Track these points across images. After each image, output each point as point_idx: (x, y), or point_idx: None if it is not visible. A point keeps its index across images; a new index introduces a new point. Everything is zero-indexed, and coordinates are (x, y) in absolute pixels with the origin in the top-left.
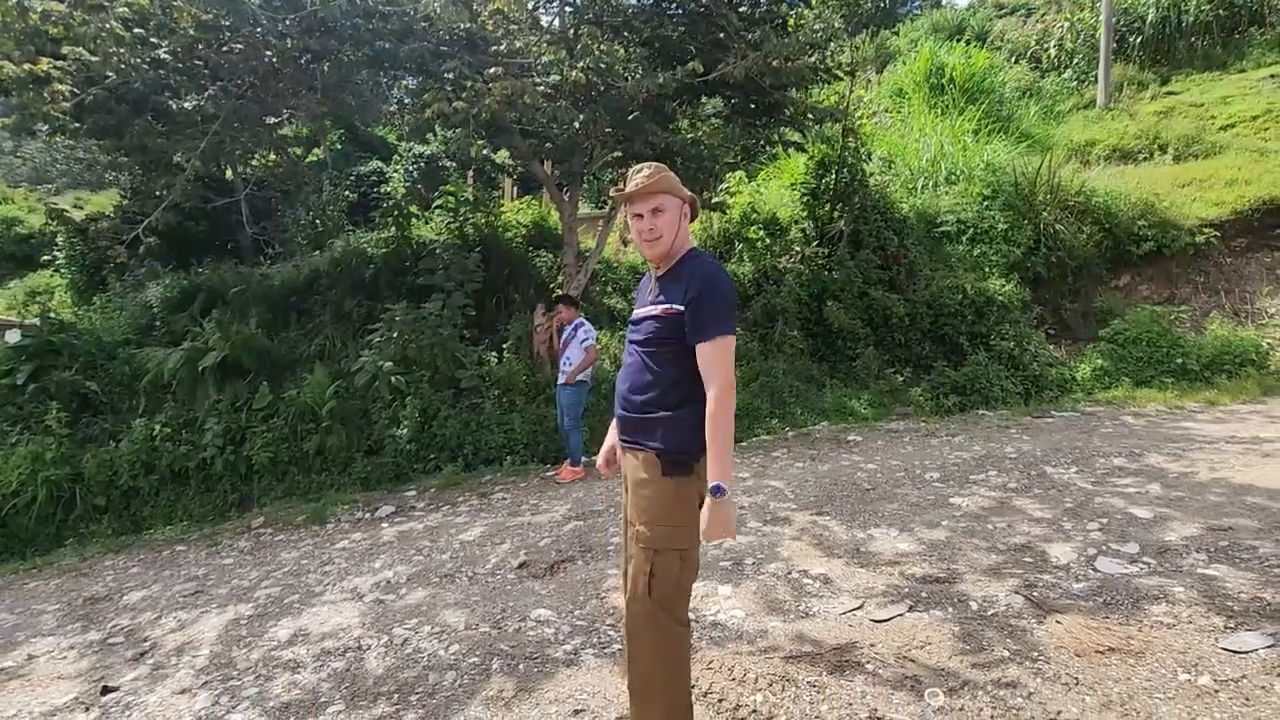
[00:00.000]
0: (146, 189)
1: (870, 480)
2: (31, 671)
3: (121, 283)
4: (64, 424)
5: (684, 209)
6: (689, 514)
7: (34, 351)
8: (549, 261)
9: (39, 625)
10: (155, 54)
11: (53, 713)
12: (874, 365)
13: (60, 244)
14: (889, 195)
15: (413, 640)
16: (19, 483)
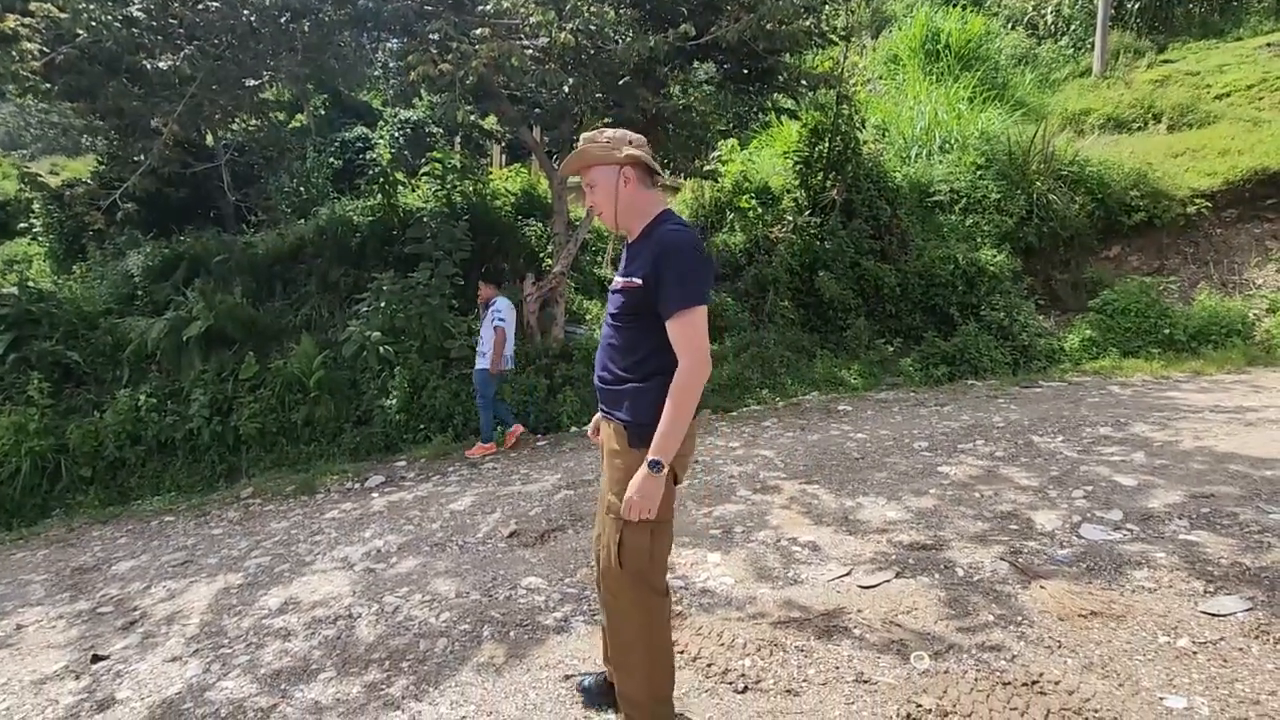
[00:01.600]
0: (124, 154)
1: (859, 449)
2: (20, 641)
3: (101, 251)
4: (46, 395)
5: (623, 173)
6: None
7: (13, 321)
8: (538, 230)
9: (27, 595)
10: (127, 11)
11: (42, 681)
12: (864, 335)
13: (37, 211)
14: (882, 164)
15: (403, 608)
16: (2, 454)
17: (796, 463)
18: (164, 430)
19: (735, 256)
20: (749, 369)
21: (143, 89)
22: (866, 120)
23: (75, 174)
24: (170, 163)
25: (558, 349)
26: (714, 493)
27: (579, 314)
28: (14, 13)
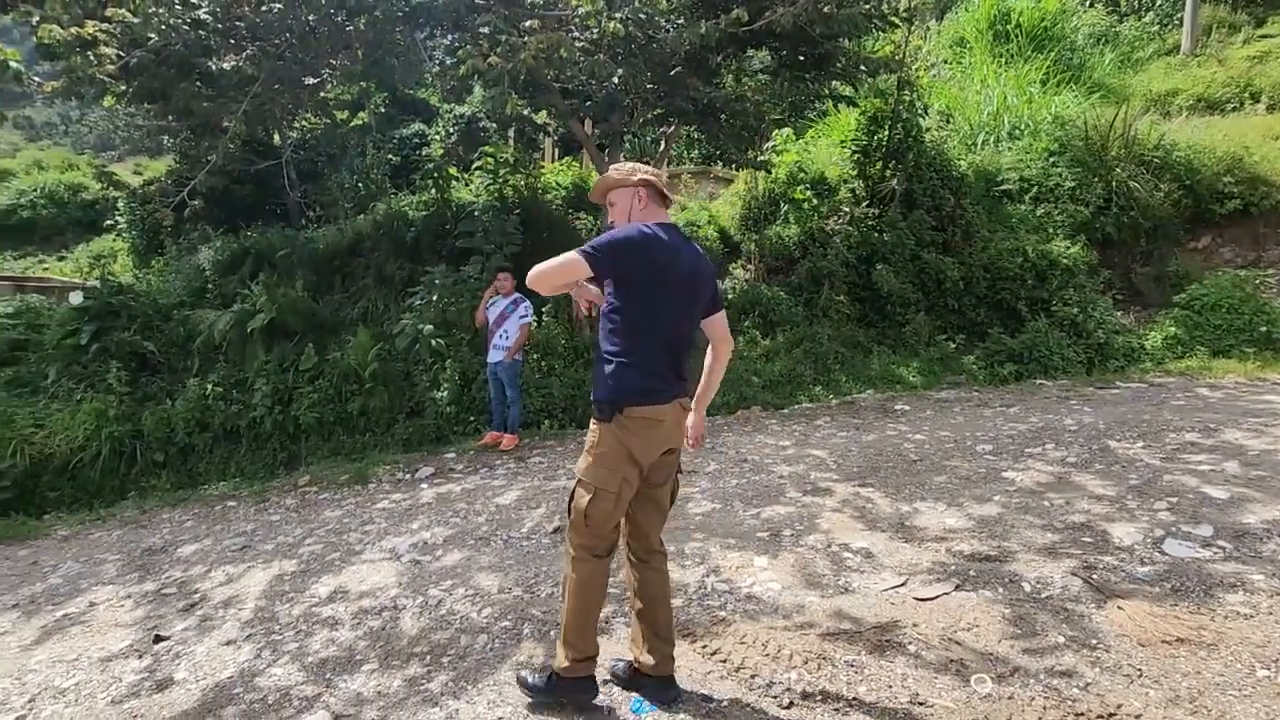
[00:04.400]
0: (195, 153)
1: (918, 451)
2: (92, 618)
3: (177, 246)
4: (124, 382)
5: (637, 193)
6: (608, 455)
7: (96, 313)
8: (589, 223)
9: (100, 574)
10: (195, 14)
11: (109, 659)
12: (925, 331)
13: (121, 209)
14: (946, 152)
15: (446, 602)
16: (85, 438)
17: (850, 464)
18: (229, 418)
19: (789, 249)
20: (801, 365)
21: (211, 90)
22: (929, 106)
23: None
24: (237, 161)
25: None
26: (762, 493)
27: None
28: (93, 19)
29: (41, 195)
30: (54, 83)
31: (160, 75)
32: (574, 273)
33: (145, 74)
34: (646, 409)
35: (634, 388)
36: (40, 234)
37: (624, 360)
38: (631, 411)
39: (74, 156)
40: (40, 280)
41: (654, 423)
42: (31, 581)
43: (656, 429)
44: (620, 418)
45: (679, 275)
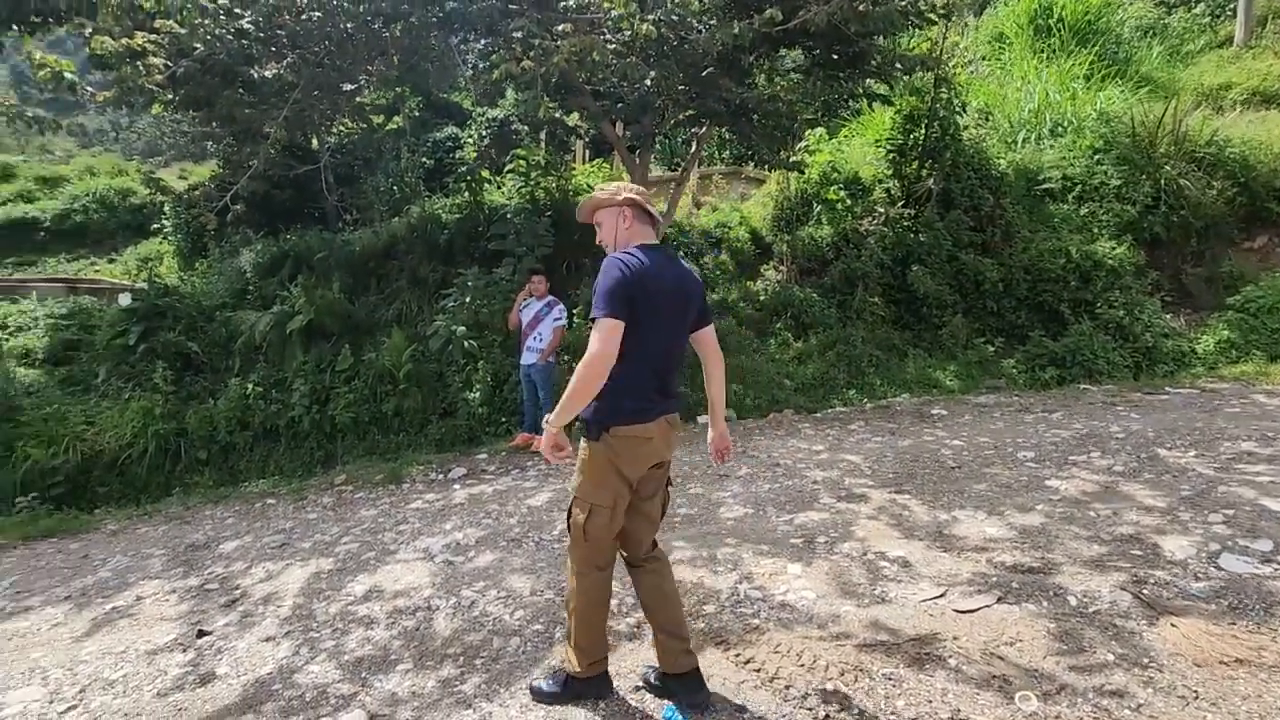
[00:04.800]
0: (238, 159)
1: (956, 458)
2: (139, 612)
3: (220, 249)
4: (169, 382)
5: (623, 212)
6: (598, 473)
7: (143, 314)
8: None
9: (147, 568)
10: (238, 24)
11: (155, 652)
12: (962, 334)
13: (167, 213)
14: (985, 150)
15: (479, 603)
16: (132, 435)
17: (885, 470)
18: (269, 417)
19: (821, 250)
20: (834, 368)
21: (253, 97)
22: (967, 104)
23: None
24: (277, 165)
25: None
26: (795, 499)
27: None
28: (142, 30)
29: (93, 200)
30: (105, 92)
31: (205, 84)
32: (619, 336)
33: (191, 83)
34: (634, 428)
35: (621, 410)
36: (92, 237)
37: (613, 383)
38: (618, 431)
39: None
40: (92, 282)
41: (642, 440)
42: (83, 574)
43: (644, 446)
44: (608, 437)
45: (667, 299)
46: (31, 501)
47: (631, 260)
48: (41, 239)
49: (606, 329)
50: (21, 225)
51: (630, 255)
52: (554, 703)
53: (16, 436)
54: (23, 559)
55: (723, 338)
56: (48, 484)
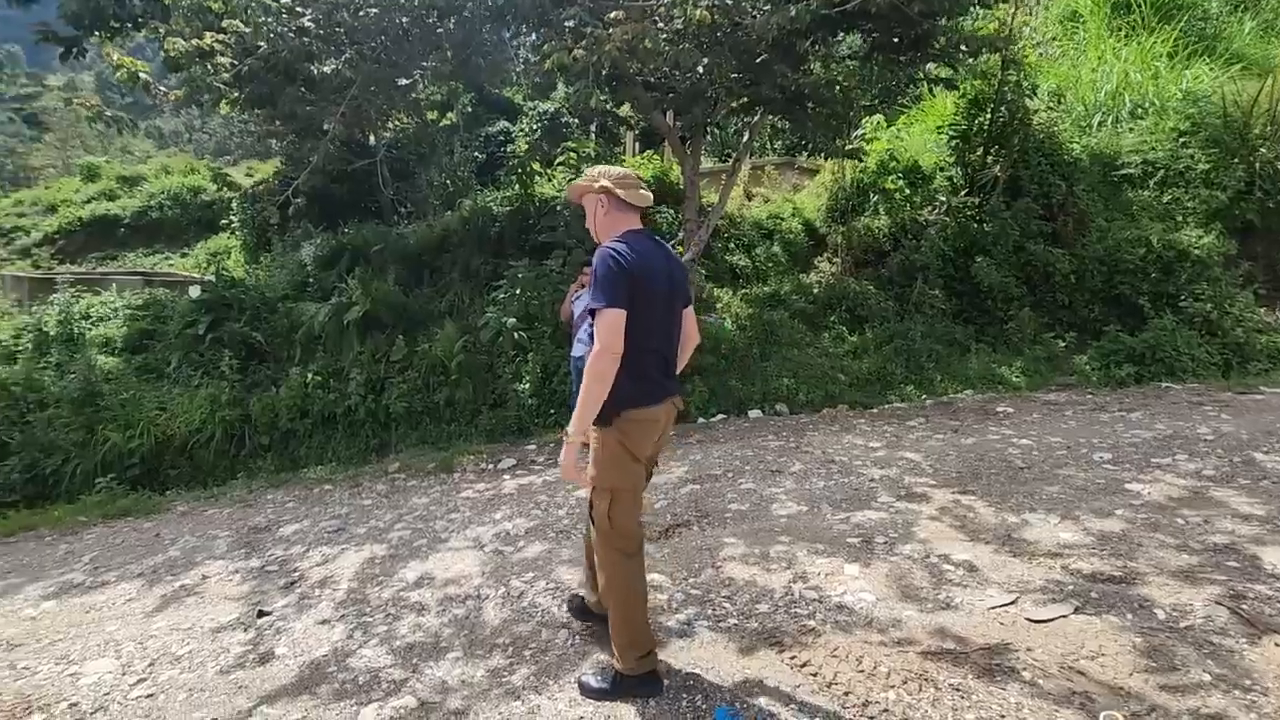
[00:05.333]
0: (299, 155)
1: (1024, 458)
2: (205, 590)
3: (282, 243)
4: (235, 370)
5: (600, 199)
6: (614, 458)
7: (211, 305)
8: (670, 217)
9: (212, 549)
10: (300, 22)
11: (219, 629)
12: (1029, 328)
13: (234, 209)
14: (1056, 135)
15: (528, 594)
16: (201, 421)
17: (948, 468)
18: (327, 406)
19: (879, 241)
20: (892, 362)
21: (313, 95)
22: (1038, 87)
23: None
24: (335, 161)
25: None
26: (851, 496)
27: (709, 301)
28: (210, 31)
29: (168, 197)
30: (177, 91)
31: (268, 81)
32: (623, 325)
33: (255, 80)
34: (642, 411)
35: (628, 395)
36: (166, 233)
37: (621, 370)
38: (628, 415)
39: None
40: (166, 275)
41: (650, 422)
42: (154, 553)
43: (653, 427)
44: (619, 421)
45: (660, 283)
46: (110, 482)
47: (623, 249)
48: (122, 235)
49: (611, 320)
50: (105, 222)
51: (621, 244)
52: (602, 699)
53: (97, 420)
54: (101, 536)
55: (775, 330)
56: (125, 466)
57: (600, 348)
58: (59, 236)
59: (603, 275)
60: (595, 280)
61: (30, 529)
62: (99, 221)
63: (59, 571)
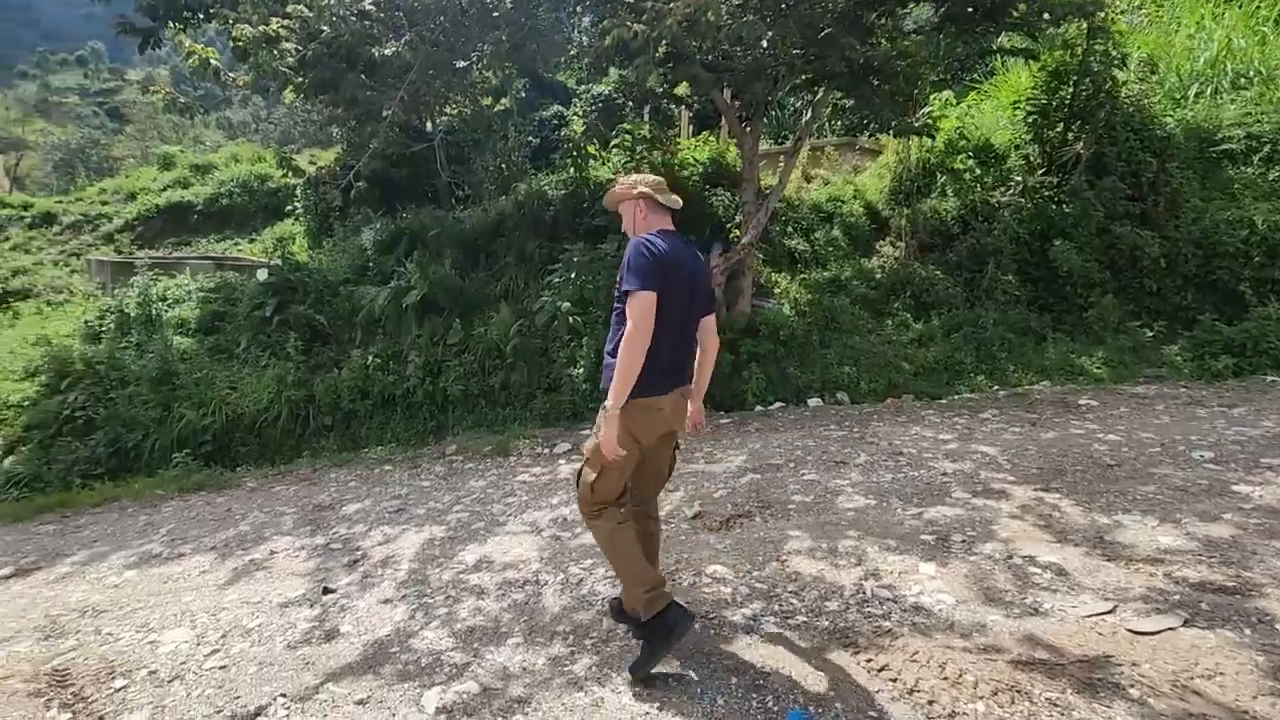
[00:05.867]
0: (359, 141)
1: (1113, 454)
2: (273, 565)
3: (343, 228)
4: (300, 351)
5: (639, 204)
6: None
7: (277, 288)
8: (726, 200)
9: (280, 525)
10: (361, 5)
11: (287, 604)
12: (1113, 317)
13: (298, 195)
14: (1147, 108)
15: (587, 581)
16: (268, 400)
17: (1027, 464)
18: (387, 387)
19: (946, 224)
20: (961, 351)
21: (373, 80)
22: (1127, 56)
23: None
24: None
25: (744, 322)
26: (923, 491)
27: (766, 287)
28: (276, 16)
29: (236, 185)
30: (245, 77)
31: (330, 67)
32: (654, 308)
33: (319, 65)
34: (647, 399)
35: (639, 384)
36: (235, 218)
37: None
38: (634, 401)
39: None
40: (235, 259)
41: (654, 410)
42: (226, 527)
43: (656, 415)
44: (627, 405)
45: (681, 280)
46: (185, 457)
47: (655, 242)
48: (195, 221)
49: (644, 301)
50: (179, 208)
51: (652, 238)
52: (650, 662)
53: (174, 399)
54: (177, 510)
55: (835, 316)
56: (199, 442)
57: (634, 327)
58: (138, 223)
59: (635, 261)
60: (628, 266)
61: (114, 500)
62: (174, 208)
63: (139, 542)
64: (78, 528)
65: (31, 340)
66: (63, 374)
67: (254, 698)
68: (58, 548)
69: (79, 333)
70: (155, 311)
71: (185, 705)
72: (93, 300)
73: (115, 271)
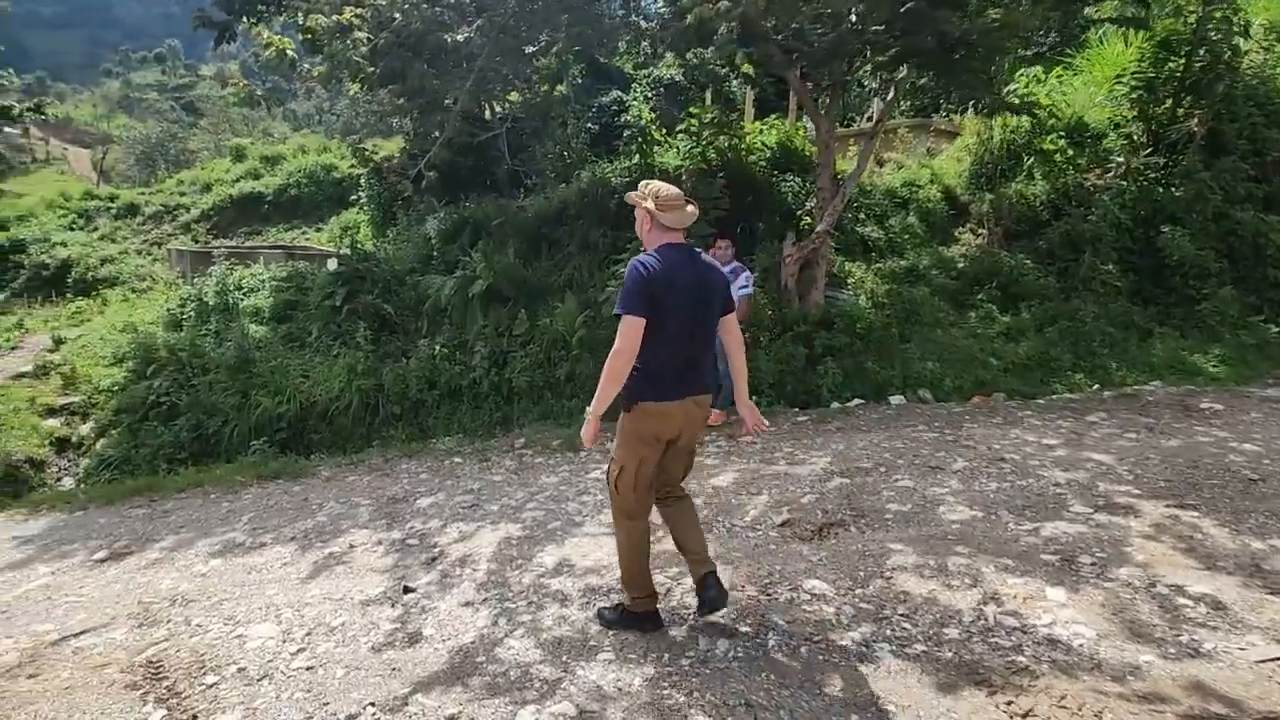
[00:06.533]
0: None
1: (1254, 467)
2: (353, 560)
3: (408, 217)
4: (369, 341)
5: (647, 215)
6: (627, 438)
7: (346, 278)
8: (795, 186)
9: (356, 517)
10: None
11: (368, 602)
12: (1232, 310)
13: (363, 185)
14: (1273, 79)
15: (675, 592)
16: (340, 389)
17: (1152, 476)
18: (453, 378)
19: (1034, 209)
20: (1056, 347)
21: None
22: (1250, 23)
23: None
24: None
25: (817, 315)
26: (1035, 503)
27: (839, 277)
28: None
29: (304, 175)
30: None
31: (400, 56)
32: (640, 331)
33: (389, 55)
34: (655, 405)
35: (643, 391)
36: (303, 209)
37: (637, 368)
38: (644, 407)
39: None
40: (304, 249)
41: (664, 415)
42: (304, 517)
43: (666, 420)
44: (635, 410)
45: (688, 294)
46: (262, 445)
47: (651, 262)
48: (265, 210)
49: (629, 326)
50: (250, 199)
51: (650, 258)
52: (611, 628)
53: (250, 386)
54: (257, 497)
55: (915, 309)
56: (274, 429)
57: (616, 349)
58: (213, 213)
59: (628, 285)
60: (622, 287)
61: (197, 485)
62: (246, 198)
63: (222, 530)
64: (165, 512)
65: (119, 327)
66: (148, 360)
67: (343, 705)
68: (147, 532)
69: (162, 320)
70: (232, 300)
71: (276, 708)
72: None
73: (194, 261)
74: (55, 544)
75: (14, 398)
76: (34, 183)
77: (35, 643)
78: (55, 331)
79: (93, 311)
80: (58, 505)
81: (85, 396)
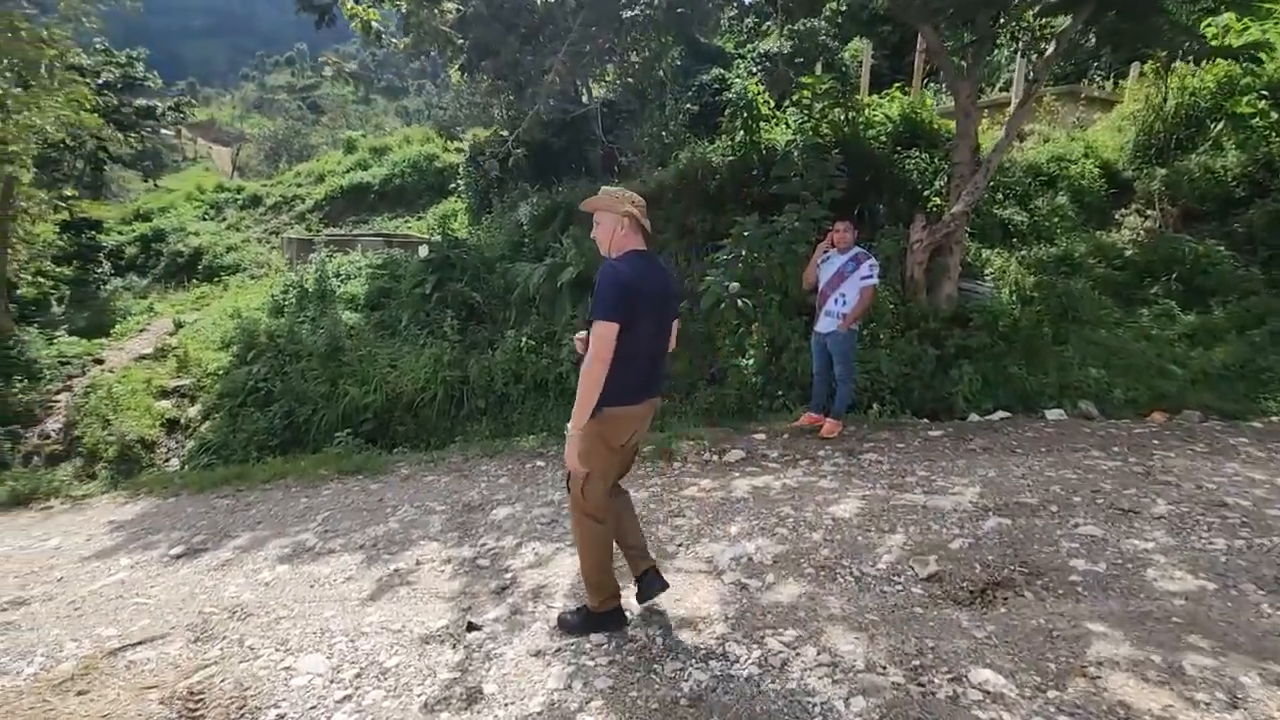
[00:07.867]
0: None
1: None
2: (418, 580)
3: (501, 203)
4: (456, 330)
5: (622, 221)
6: (592, 445)
7: (436, 265)
8: (921, 163)
9: (428, 526)
10: None
11: (428, 639)
12: None
13: (460, 173)
14: None
15: (793, 664)
16: (426, 380)
17: None
18: (539, 371)
19: (1225, 186)
20: (1263, 354)
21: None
22: None
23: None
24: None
25: (949, 310)
26: None
27: (975, 266)
28: None
29: (407, 165)
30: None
31: (490, 29)
32: (614, 338)
33: (478, 25)
34: (623, 409)
35: (610, 394)
36: (406, 198)
37: (612, 373)
38: (611, 411)
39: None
40: (402, 236)
41: (629, 418)
42: (376, 522)
43: (629, 422)
44: (600, 416)
45: (654, 300)
46: (347, 436)
47: (624, 268)
48: (372, 200)
49: (605, 332)
50: (359, 189)
51: (623, 263)
52: (573, 633)
53: (339, 374)
54: (335, 494)
55: (1072, 304)
56: (360, 420)
57: (593, 355)
58: (325, 203)
59: (604, 290)
60: (597, 293)
61: (282, 477)
62: (355, 188)
63: (296, 529)
64: (247, 505)
65: (229, 312)
66: (250, 346)
67: None
68: (226, 526)
69: (266, 306)
70: (329, 287)
71: None
72: (279, 275)
73: (300, 248)
74: (142, 533)
75: (133, 379)
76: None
77: (95, 650)
78: (178, 315)
79: (214, 297)
80: (155, 489)
81: (195, 380)
